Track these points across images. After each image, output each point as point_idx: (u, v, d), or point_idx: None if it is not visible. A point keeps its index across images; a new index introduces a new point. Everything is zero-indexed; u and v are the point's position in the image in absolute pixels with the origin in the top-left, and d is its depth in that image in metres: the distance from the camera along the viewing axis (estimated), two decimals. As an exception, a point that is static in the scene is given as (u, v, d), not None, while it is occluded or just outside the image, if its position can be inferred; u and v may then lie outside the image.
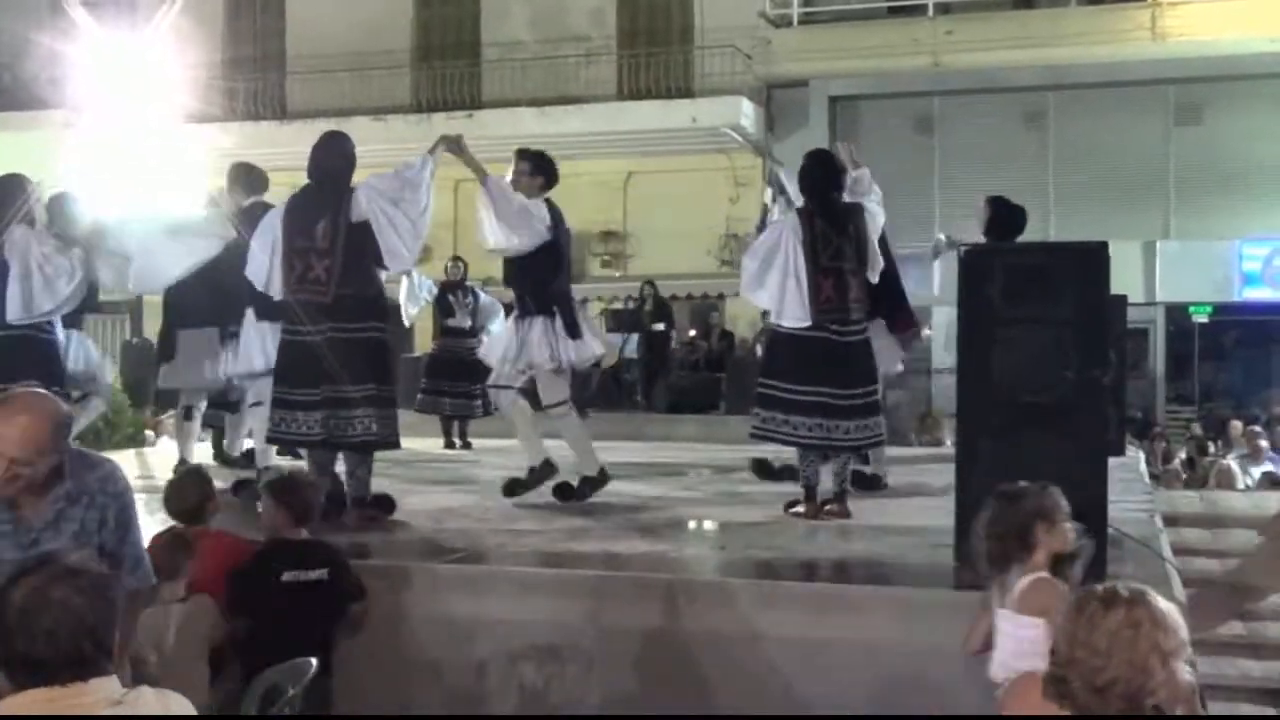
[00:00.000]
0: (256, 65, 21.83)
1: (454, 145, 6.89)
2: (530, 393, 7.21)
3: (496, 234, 6.93)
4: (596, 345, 7.25)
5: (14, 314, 7.10)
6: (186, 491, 5.21)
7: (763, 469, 8.12)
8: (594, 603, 5.03)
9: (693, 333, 18.63)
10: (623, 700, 4.83)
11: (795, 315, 6.55)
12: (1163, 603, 2.60)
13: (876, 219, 6.92)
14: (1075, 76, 18.04)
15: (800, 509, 6.74)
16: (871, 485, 7.70)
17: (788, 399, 6.56)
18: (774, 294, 6.59)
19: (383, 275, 6.62)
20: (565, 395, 7.16)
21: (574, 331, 7.03)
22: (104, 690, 2.40)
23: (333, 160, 6.61)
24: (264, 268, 6.50)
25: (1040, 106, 18.99)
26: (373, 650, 5.03)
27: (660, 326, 17.21)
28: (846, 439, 6.60)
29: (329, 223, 6.34)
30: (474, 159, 6.93)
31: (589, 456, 7.15)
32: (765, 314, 7.85)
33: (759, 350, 17.67)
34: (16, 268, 7.12)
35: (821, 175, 6.85)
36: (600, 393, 15.77)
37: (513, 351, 7.11)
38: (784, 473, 7.66)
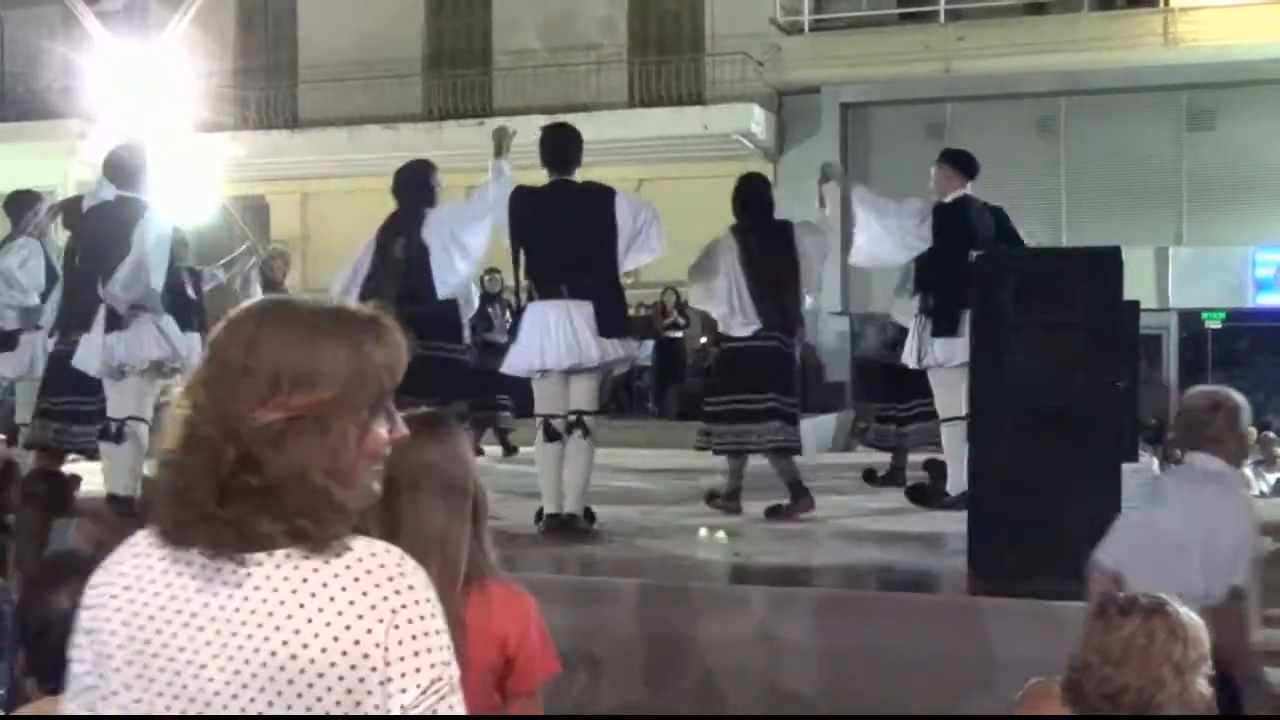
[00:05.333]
0: (268, 74, 21.88)
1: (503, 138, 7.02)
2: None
3: None
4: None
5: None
6: None
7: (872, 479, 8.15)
8: (603, 609, 5.03)
9: (704, 339, 18.61)
10: (632, 707, 4.82)
11: (741, 324, 7.12)
12: (1184, 615, 2.58)
13: (825, 238, 7.52)
14: (1087, 82, 18.00)
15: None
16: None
17: (736, 410, 7.09)
18: (723, 303, 7.20)
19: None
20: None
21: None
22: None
23: (406, 185, 7.21)
24: (345, 280, 6.94)
25: (1052, 112, 18.94)
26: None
27: (679, 334, 17.24)
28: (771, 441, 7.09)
29: (404, 243, 6.80)
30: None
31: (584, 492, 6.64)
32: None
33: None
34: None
35: (754, 196, 7.56)
36: (613, 400, 15.77)
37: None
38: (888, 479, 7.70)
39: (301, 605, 1.57)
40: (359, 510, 1.67)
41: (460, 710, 1.64)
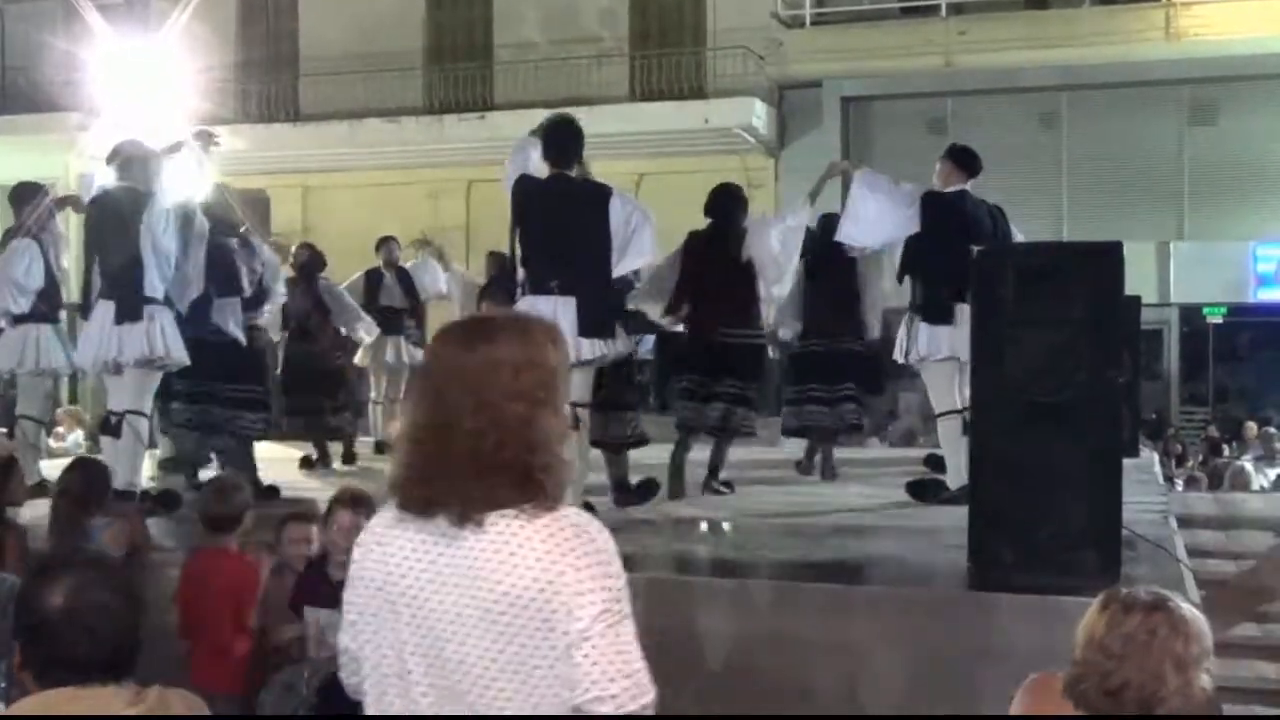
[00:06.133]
0: (269, 67, 21.87)
1: None
2: None
3: None
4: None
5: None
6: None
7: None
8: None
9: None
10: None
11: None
12: (1187, 611, 2.58)
13: (768, 231, 7.85)
14: (1089, 77, 17.99)
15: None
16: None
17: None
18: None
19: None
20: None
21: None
22: (125, 691, 2.39)
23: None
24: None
25: (1054, 107, 18.94)
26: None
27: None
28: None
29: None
30: None
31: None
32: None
33: (772, 352, 17.66)
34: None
35: (727, 203, 8.11)
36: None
37: None
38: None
39: (512, 554, 2.11)
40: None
41: (629, 637, 2.16)
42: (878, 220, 7.40)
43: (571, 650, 2.09)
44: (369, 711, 2.25)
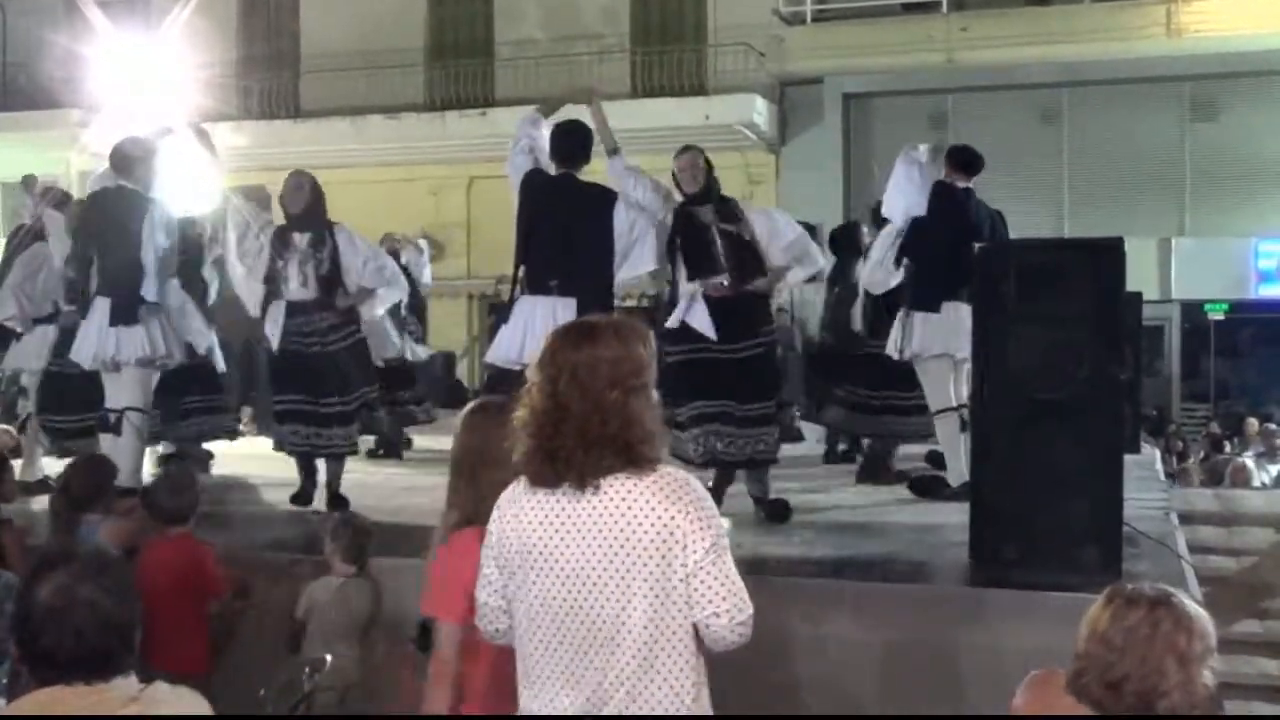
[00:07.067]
0: (270, 64, 21.85)
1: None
2: None
3: None
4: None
5: None
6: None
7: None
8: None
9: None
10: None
11: None
12: (1191, 607, 2.58)
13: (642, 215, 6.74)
14: (1090, 73, 17.96)
15: None
16: None
17: None
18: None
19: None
20: None
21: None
22: (121, 688, 2.39)
23: None
24: None
25: (1055, 103, 18.91)
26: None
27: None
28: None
29: None
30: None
31: None
32: (779, 311, 8.03)
33: (777, 349, 17.66)
34: None
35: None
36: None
37: None
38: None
39: (630, 507, 2.65)
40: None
41: (730, 564, 2.72)
42: (894, 194, 7.40)
43: (690, 579, 2.65)
44: (521, 648, 2.76)
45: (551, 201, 6.47)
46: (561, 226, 6.41)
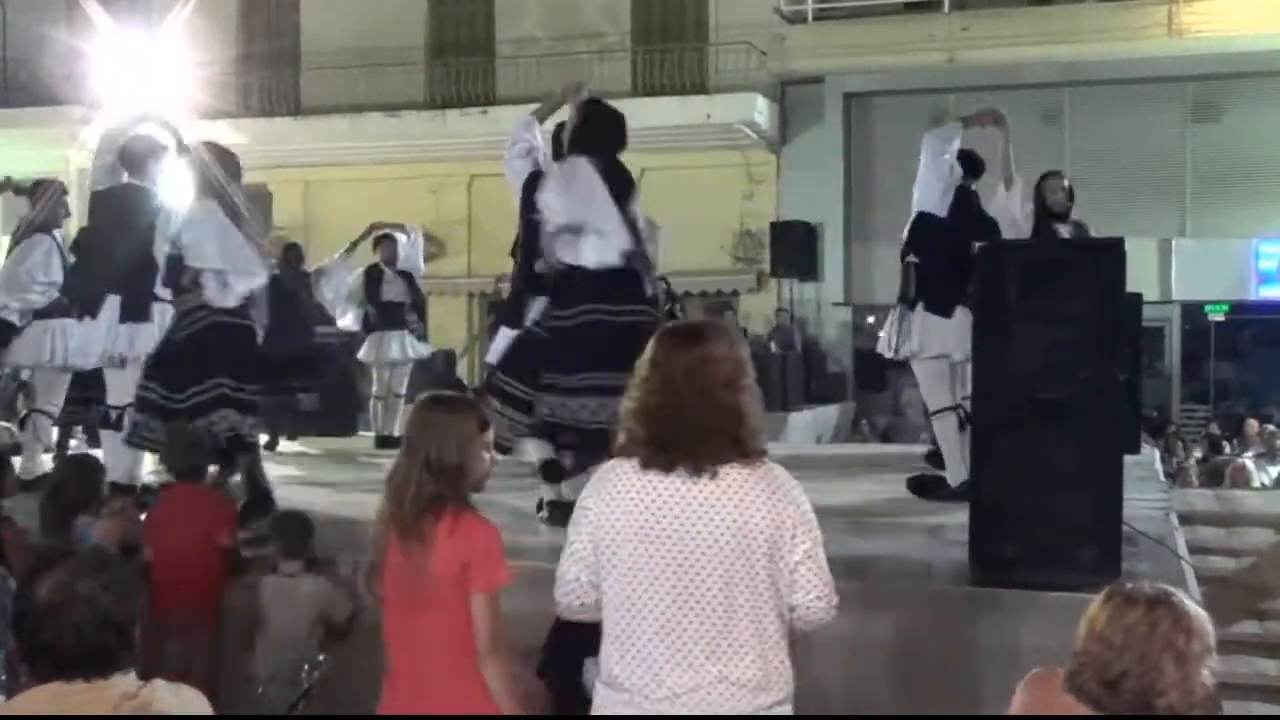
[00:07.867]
0: (270, 61, 21.85)
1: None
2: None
3: None
4: None
5: None
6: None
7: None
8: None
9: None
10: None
11: None
12: (1190, 607, 2.58)
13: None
14: (1092, 73, 17.98)
15: None
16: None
17: None
18: None
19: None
20: None
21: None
22: (120, 685, 2.39)
23: None
24: None
25: (1056, 103, 18.92)
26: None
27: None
28: None
29: None
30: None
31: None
32: (779, 310, 7.90)
33: (774, 347, 17.71)
34: None
35: None
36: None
37: None
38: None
39: (744, 495, 2.85)
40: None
41: (823, 555, 2.98)
42: (920, 185, 7.29)
43: (797, 567, 2.90)
44: (608, 624, 2.91)
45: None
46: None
